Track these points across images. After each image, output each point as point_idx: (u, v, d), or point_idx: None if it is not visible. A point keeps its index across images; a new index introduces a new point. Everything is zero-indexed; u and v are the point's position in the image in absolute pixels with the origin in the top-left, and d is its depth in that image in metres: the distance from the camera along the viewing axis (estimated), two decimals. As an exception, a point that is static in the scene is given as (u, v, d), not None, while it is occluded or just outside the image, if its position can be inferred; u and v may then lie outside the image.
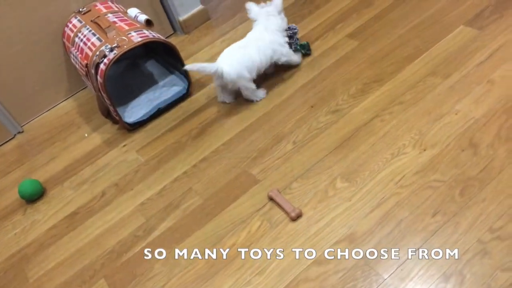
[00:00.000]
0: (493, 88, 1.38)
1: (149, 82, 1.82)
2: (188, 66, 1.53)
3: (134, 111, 1.72)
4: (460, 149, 1.27)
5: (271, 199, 1.31)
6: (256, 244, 1.23)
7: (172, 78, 1.81)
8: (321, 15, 1.87)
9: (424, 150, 1.30)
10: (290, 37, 1.66)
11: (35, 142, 1.79)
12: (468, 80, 1.43)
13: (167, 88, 1.78)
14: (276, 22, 1.60)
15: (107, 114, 1.70)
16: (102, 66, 1.52)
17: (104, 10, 1.71)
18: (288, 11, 1.94)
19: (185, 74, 1.73)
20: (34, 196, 1.55)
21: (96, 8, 1.73)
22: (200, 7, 2.03)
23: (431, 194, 1.20)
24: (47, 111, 1.91)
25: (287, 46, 1.62)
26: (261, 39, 1.57)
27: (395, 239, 1.13)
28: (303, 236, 1.21)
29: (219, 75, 1.53)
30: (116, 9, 1.74)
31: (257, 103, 1.62)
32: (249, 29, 1.93)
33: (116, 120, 1.68)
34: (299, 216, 1.25)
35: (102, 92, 1.57)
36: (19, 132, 1.86)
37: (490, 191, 1.16)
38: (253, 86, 1.58)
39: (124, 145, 1.65)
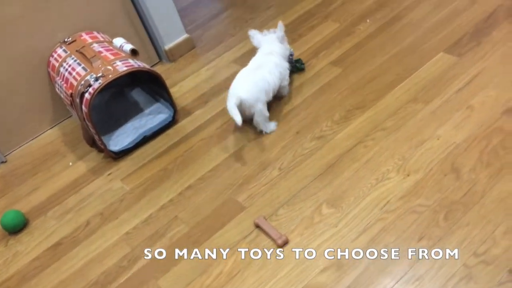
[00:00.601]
0: (473, 113, 1.42)
1: (135, 110, 1.83)
2: (236, 117, 1.42)
3: (119, 139, 1.72)
4: (443, 174, 1.29)
5: (257, 226, 1.31)
6: (243, 272, 1.22)
7: (157, 106, 1.82)
8: (305, 43, 1.91)
9: (408, 175, 1.32)
10: (290, 61, 1.71)
11: (19, 172, 1.77)
12: (449, 106, 1.46)
13: (153, 116, 1.78)
14: (279, 48, 1.63)
15: (92, 143, 1.69)
16: (87, 95, 1.52)
17: (90, 40, 1.72)
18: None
19: (171, 102, 1.74)
20: (16, 228, 1.53)
21: (82, 38, 1.74)
22: (185, 36, 2.06)
23: (416, 219, 1.21)
24: (31, 140, 1.89)
25: (288, 72, 1.65)
26: (269, 61, 1.58)
27: (382, 265, 1.14)
28: (290, 263, 1.20)
29: (236, 103, 1.46)
30: (101, 39, 1.75)
31: (242, 130, 1.63)
32: (233, 57, 1.98)
33: (101, 148, 1.68)
34: (285, 243, 1.25)
35: (87, 121, 1.56)
36: (2, 162, 1.83)
37: (474, 216, 1.17)
38: (267, 113, 1.54)
39: (109, 174, 1.64)
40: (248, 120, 1.59)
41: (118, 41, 1.72)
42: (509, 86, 1.45)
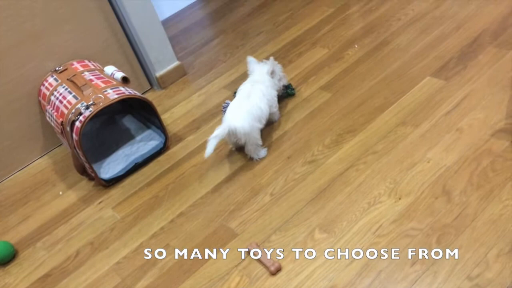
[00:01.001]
0: (462, 136, 1.43)
1: (126, 137, 1.83)
2: (208, 149, 1.45)
3: (110, 167, 1.71)
4: (434, 196, 1.29)
5: (250, 253, 1.30)
6: (235, 302, 1.20)
7: (149, 132, 1.82)
8: (295, 69, 1.93)
9: (400, 198, 1.32)
10: (282, 89, 1.75)
11: (8, 202, 1.75)
12: (438, 129, 1.48)
13: (144, 143, 1.78)
14: (266, 79, 1.64)
15: (83, 171, 1.68)
16: (77, 123, 1.52)
17: (81, 69, 1.73)
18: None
19: (162, 128, 1.74)
20: (5, 260, 1.50)
21: (73, 66, 1.75)
22: (176, 63, 2.08)
23: (409, 243, 1.20)
24: (21, 169, 1.88)
25: (276, 99, 1.66)
26: (257, 89, 1.59)
27: (376, 290, 1.13)
28: (283, 291, 1.19)
29: (232, 133, 1.48)
30: (92, 67, 1.76)
31: (233, 156, 1.63)
32: (224, 83, 1.99)
33: (92, 176, 1.66)
34: (278, 270, 1.24)
35: (77, 149, 1.56)
36: (-9, 192, 1.81)
37: (466, 238, 1.17)
38: (261, 141, 1.56)
39: (100, 202, 1.62)
40: (238, 148, 1.61)
41: (109, 69, 1.73)
42: (497, 108, 1.48)
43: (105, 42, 1.89)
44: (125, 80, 1.68)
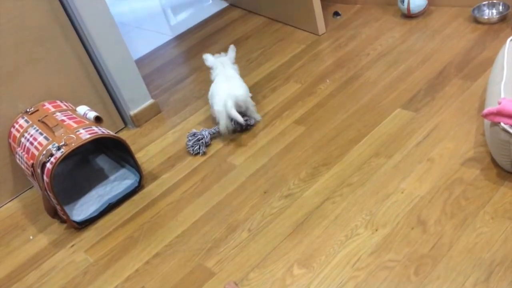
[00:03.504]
0: (434, 165, 1.46)
1: (99, 177, 1.79)
2: (239, 118, 1.72)
3: (83, 208, 1.67)
4: (410, 227, 1.30)
5: (228, 293, 1.27)
6: None
7: (123, 171, 1.80)
8: (269, 104, 1.96)
9: (376, 230, 1.32)
10: None
11: (-25, 249, 1.68)
12: (410, 159, 1.50)
13: (118, 182, 1.75)
14: (232, 70, 1.89)
15: (54, 214, 1.63)
16: (48, 165, 1.49)
17: (52, 109, 1.71)
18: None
19: (137, 167, 1.72)
20: (-31, 310, 1.42)
21: (44, 107, 1.73)
22: (151, 101, 2.08)
23: (387, 275, 1.20)
24: (-11, 213, 1.81)
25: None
26: (233, 73, 1.87)
27: (357, 326, 1.11)
28: (263, 331, 1.15)
29: (235, 101, 1.73)
30: (65, 107, 1.75)
31: (211, 192, 1.61)
32: (199, 119, 2.00)
33: (63, 219, 1.62)
34: (257, 309, 1.21)
35: (48, 192, 1.52)
36: (-43, 239, 1.74)
37: (443, 268, 1.17)
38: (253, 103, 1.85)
39: (72, 245, 1.57)
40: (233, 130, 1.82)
41: (82, 109, 1.71)
42: (465, 138, 1.52)
43: (78, 82, 1.89)
44: (98, 120, 1.66)
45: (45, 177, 1.50)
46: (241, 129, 1.84)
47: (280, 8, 2.44)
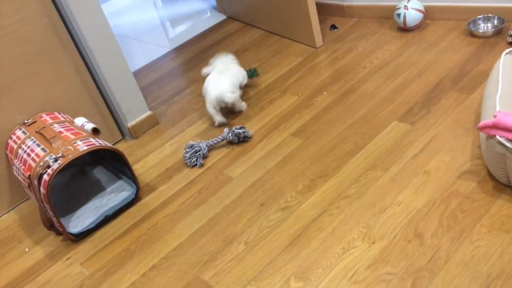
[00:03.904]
0: (430, 178, 1.46)
1: (96, 189, 1.79)
2: (217, 118, 1.94)
3: (80, 220, 1.66)
4: (407, 240, 1.30)
5: (224, 306, 1.26)
6: None
7: (120, 183, 1.79)
8: (266, 116, 1.96)
9: (373, 243, 1.32)
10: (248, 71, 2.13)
11: (-30, 261, 1.67)
12: (406, 172, 1.51)
13: (115, 194, 1.75)
14: (225, 63, 2.04)
15: (51, 226, 1.62)
16: (45, 177, 1.49)
17: (50, 121, 1.72)
18: (233, 114, 2.03)
19: (134, 179, 1.71)
20: (-37, 323, 1.41)
21: (42, 119, 1.74)
22: (148, 112, 2.09)
23: (384, 288, 1.19)
24: (-15, 225, 1.80)
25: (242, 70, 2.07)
26: (229, 65, 2.03)
27: None
28: None
29: (219, 98, 1.90)
30: (62, 119, 1.75)
31: (208, 204, 1.61)
32: (197, 131, 2.00)
33: (60, 231, 1.61)
34: (254, 322, 1.20)
35: (45, 204, 1.51)
36: (-48, 251, 1.72)
37: (440, 282, 1.17)
38: (239, 98, 1.98)
39: (68, 258, 1.56)
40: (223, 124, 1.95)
41: (80, 121, 1.72)
42: (461, 150, 1.52)
43: (75, 94, 1.89)
44: (95, 131, 1.66)
45: (41, 189, 1.50)
46: (238, 141, 1.84)
47: (278, 21, 2.47)
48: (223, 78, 1.94)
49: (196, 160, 1.80)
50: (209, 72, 2.03)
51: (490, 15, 2.08)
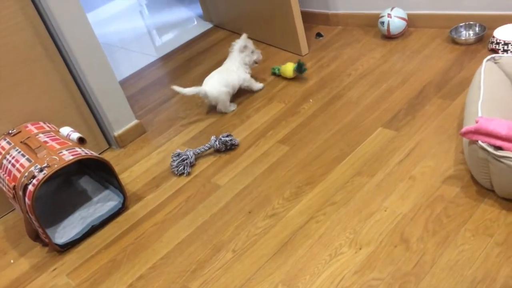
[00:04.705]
0: (415, 183, 1.48)
1: (82, 199, 1.78)
2: (182, 90, 2.02)
3: (66, 231, 1.64)
4: (393, 245, 1.31)
5: (212, 315, 1.26)
6: None
7: (107, 193, 1.78)
8: (253, 124, 1.97)
9: (360, 248, 1.33)
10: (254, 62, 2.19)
11: (-47, 274, 1.64)
12: (392, 178, 1.52)
13: (101, 204, 1.73)
14: (237, 59, 2.12)
15: (36, 237, 1.61)
16: (30, 187, 1.47)
17: (35, 131, 1.70)
18: (220, 121, 2.04)
19: (121, 188, 1.71)
20: None
21: (27, 129, 1.72)
22: (135, 121, 2.08)
23: (371, 294, 1.20)
24: (-31, 237, 1.77)
25: (248, 75, 2.14)
26: (227, 68, 2.12)
27: None
28: None
29: (204, 95, 2.03)
30: (48, 128, 1.74)
31: (195, 212, 1.61)
32: (184, 139, 2.01)
33: (45, 242, 1.59)
34: (242, 331, 1.20)
35: (30, 214, 1.50)
36: None
37: (426, 286, 1.18)
38: (228, 102, 2.08)
39: (54, 269, 1.55)
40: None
41: (65, 130, 1.71)
42: (445, 156, 1.55)
43: (61, 103, 1.88)
44: (81, 141, 1.66)
45: (26, 200, 1.48)
46: (225, 149, 1.85)
47: (264, 30, 2.48)
48: (214, 76, 2.07)
49: (183, 168, 1.80)
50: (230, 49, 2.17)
51: (471, 22, 2.13)
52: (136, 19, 3.50)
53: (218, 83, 2.03)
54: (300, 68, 2.12)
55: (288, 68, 2.16)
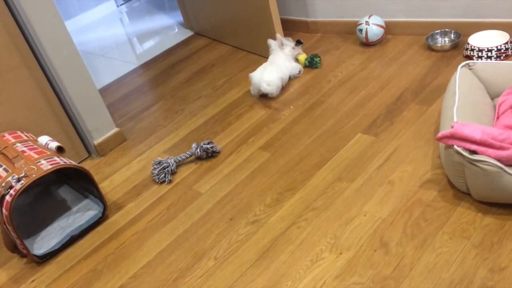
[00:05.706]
0: (394, 188, 1.50)
1: (62, 209, 1.75)
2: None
3: (44, 242, 1.62)
4: (373, 249, 1.33)
5: (194, 323, 1.25)
6: None
7: (87, 202, 1.76)
8: (234, 131, 1.98)
9: (341, 253, 1.34)
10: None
11: None
12: (371, 183, 1.54)
13: (81, 214, 1.71)
14: (283, 57, 2.20)
15: (14, 248, 1.58)
16: (7, 197, 1.45)
17: (13, 140, 1.68)
18: (201, 128, 2.04)
19: (100, 197, 1.69)
20: None
21: (4, 138, 1.69)
22: (115, 129, 2.07)
23: (352, 298, 1.21)
24: None
25: (295, 65, 2.23)
26: (277, 59, 2.19)
27: None
28: None
29: (257, 86, 2.10)
30: (25, 138, 1.71)
31: (176, 220, 1.60)
32: (165, 147, 2.00)
33: (24, 253, 1.56)
34: (224, 338, 1.19)
35: (7, 225, 1.47)
36: None
37: (405, 289, 1.20)
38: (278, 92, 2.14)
39: (33, 280, 1.52)
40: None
41: (43, 139, 1.68)
42: (423, 160, 1.57)
43: (39, 112, 1.86)
44: (60, 150, 1.64)
45: (4, 210, 1.46)
46: (206, 156, 1.85)
47: (245, 37, 2.50)
48: (269, 68, 2.13)
49: (165, 176, 1.79)
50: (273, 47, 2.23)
51: (447, 29, 2.18)
52: (117, 26, 3.49)
53: (275, 73, 2.10)
54: (311, 62, 2.25)
55: (300, 59, 2.28)
